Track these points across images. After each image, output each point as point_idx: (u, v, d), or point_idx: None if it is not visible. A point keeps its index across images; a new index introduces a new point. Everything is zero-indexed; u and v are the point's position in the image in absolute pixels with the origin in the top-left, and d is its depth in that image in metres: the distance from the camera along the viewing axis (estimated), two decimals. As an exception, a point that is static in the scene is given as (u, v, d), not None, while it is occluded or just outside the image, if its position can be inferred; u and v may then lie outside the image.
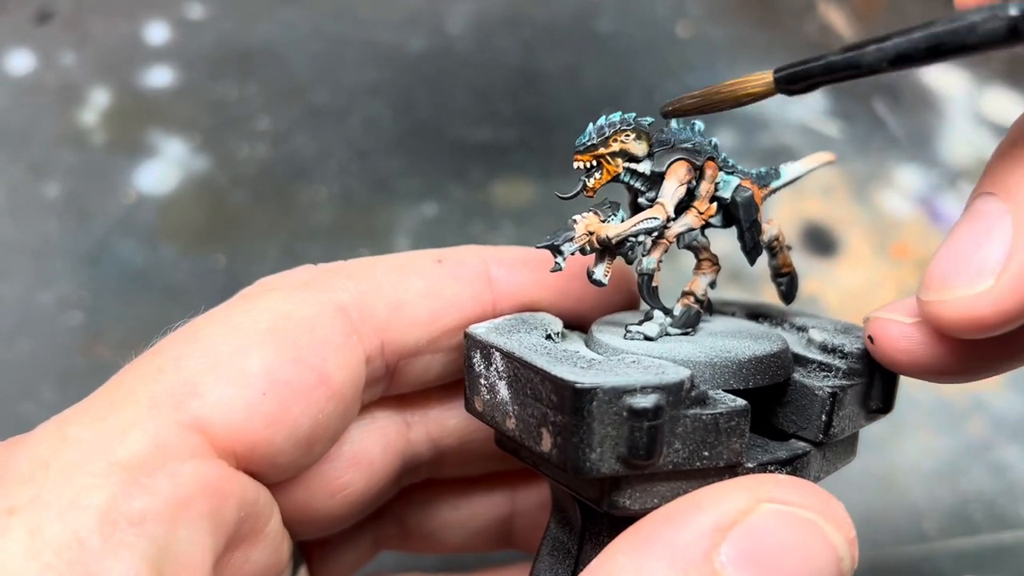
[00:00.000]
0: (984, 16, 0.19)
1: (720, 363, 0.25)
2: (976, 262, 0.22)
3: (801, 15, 0.64)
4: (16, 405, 0.50)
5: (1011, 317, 0.22)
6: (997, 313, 0.22)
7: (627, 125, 0.25)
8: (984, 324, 0.22)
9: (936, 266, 0.23)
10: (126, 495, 0.20)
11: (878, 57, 0.20)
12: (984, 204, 0.23)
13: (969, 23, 0.19)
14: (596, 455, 0.21)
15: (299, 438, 0.24)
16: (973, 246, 0.22)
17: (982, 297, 0.22)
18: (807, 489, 0.22)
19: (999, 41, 0.19)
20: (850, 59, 0.21)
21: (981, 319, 0.22)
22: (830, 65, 0.21)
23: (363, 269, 0.27)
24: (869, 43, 0.21)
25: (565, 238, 0.25)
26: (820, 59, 0.22)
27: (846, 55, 0.21)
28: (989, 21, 0.19)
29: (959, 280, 0.22)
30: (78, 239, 0.55)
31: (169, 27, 0.61)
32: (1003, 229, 0.22)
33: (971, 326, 0.22)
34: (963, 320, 0.22)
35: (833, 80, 0.22)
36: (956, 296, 0.22)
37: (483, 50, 0.62)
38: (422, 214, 0.57)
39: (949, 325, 0.23)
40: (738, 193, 0.27)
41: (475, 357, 0.25)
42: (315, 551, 0.32)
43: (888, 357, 0.25)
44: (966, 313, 0.22)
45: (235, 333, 0.24)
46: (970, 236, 0.23)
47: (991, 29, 0.19)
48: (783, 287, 0.30)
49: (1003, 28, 0.19)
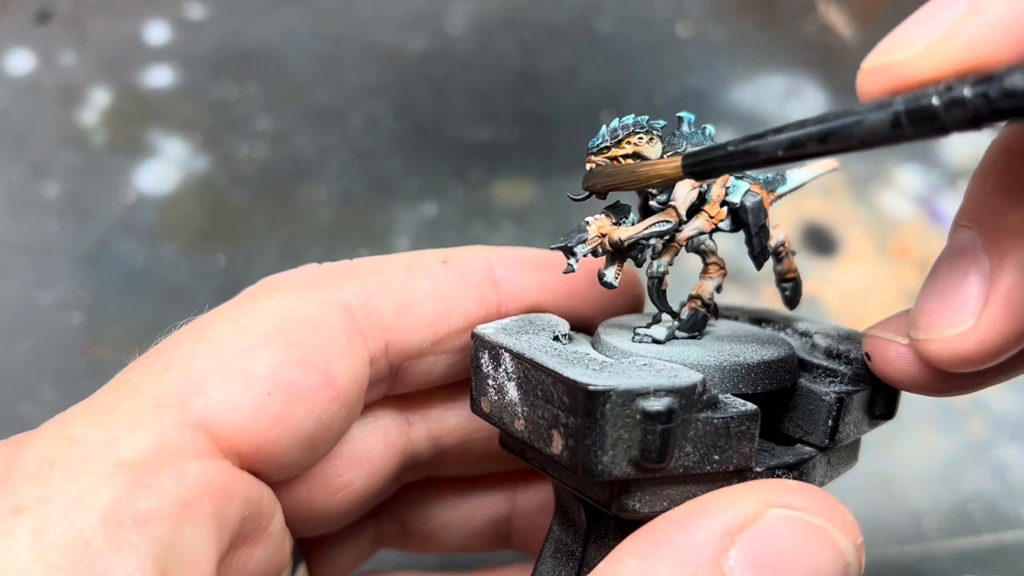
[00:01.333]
0: (871, 110, 0.19)
1: (729, 367, 0.24)
2: (957, 302, 0.23)
3: (801, 15, 0.64)
4: (16, 405, 0.50)
5: (996, 353, 0.22)
6: (981, 351, 0.22)
7: (640, 128, 0.25)
8: (971, 361, 0.23)
9: (921, 305, 0.24)
10: (131, 495, 0.20)
11: (774, 145, 0.21)
12: (962, 238, 0.23)
13: (857, 118, 0.19)
14: (608, 458, 0.21)
15: (303, 438, 0.24)
16: (954, 285, 0.23)
17: (966, 337, 0.22)
18: (815, 494, 0.22)
19: (884, 135, 0.19)
20: (748, 148, 0.22)
21: (967, 357, 0.22)
22: (729, 154, 0.22)
23: (368, 269, 0.27)
24: (768, 133, 0.21)
25: (578, 240, 0.25)
26: (722, 147, 0.22)
27: (745, 144, 0.22)
28: (874, 114, 0.19)
29: (943, 320, 0.23)
30: (78, 239, 0.55)
31: (169, 27, 0.61)
32: (980, 266, 0.22)
33: (959, 363, 0.23)
34: (951, 358, 0.23)
35: (734, 168, 0.23)
36: (941, 336, 0.23)
37: (483, 50, 0.62)
38: (422, 214, 0.57)
39: (939, 363, 0.23)
40: (747, 198, 0.27)
41: (483, 358, 0.25)
42: (314, 549, 0.32)
43: (885, 375, 0.25)
44: (953, 352, 0.23)
45: (241, 333, 0.24)
46: (951, 274, 0.23)
47: (875, 122, 0.19)
48: (787, 292, 0.30)
49: (887, 122, 0.19)
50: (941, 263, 0.24)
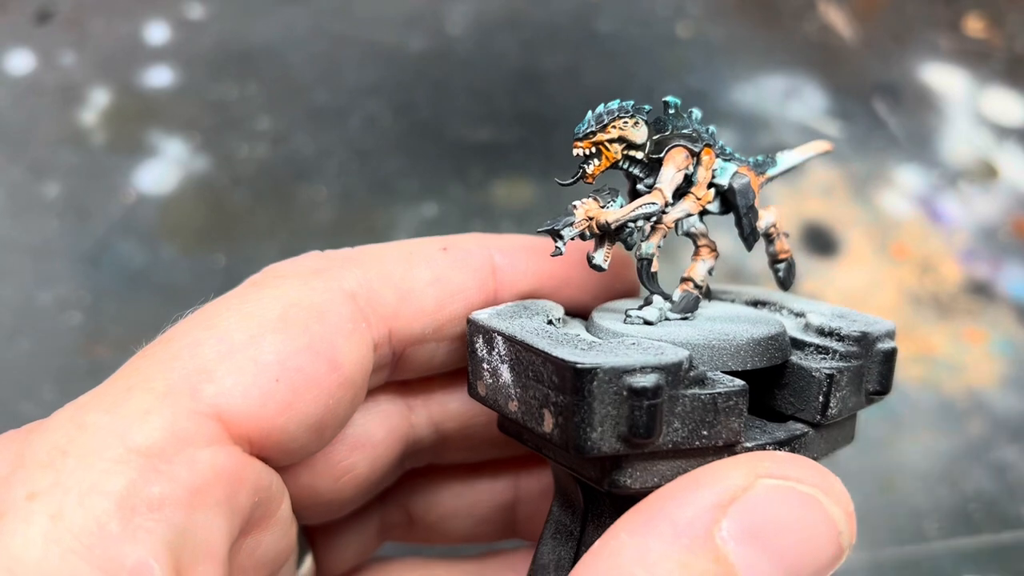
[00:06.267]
0: None
1: (718, 345, 0.25)
2: None
3: (801, 15, 0.64)
4: (16, 405, 0.50)
5: None
6: None
7: (625, 112, 0.26)
8: None
9: None
10: (145, 481, 0.20)
11: None
12: None
13: None
14: (597, 434, 0.22)
15: (310, 424, 0.25)
16: None
17: None
18: (805, 464, 0.22)
19: None
20: None
21: None
22: None
23: (370, 256, 0.28)
24: None
25: (565, 223, 0.26)
26: None
27: None
28: None
29: None
30: (78, 239, 0.55)
31: (169, 27, 0.61)
32: None
33: None
34: None
35: None
36: None
37: (483, 50, 0.62)
38: (422, 214, 0.57)
39: None
40: (735, 179, 0.28)
41: (478, 342, 0.26)
42: (321, 540, 0.32)
43: None
44: None
45: (248, 320, 0.24)
46: None
47: None
48: (780, 273, 0.30)
49: None
50: None
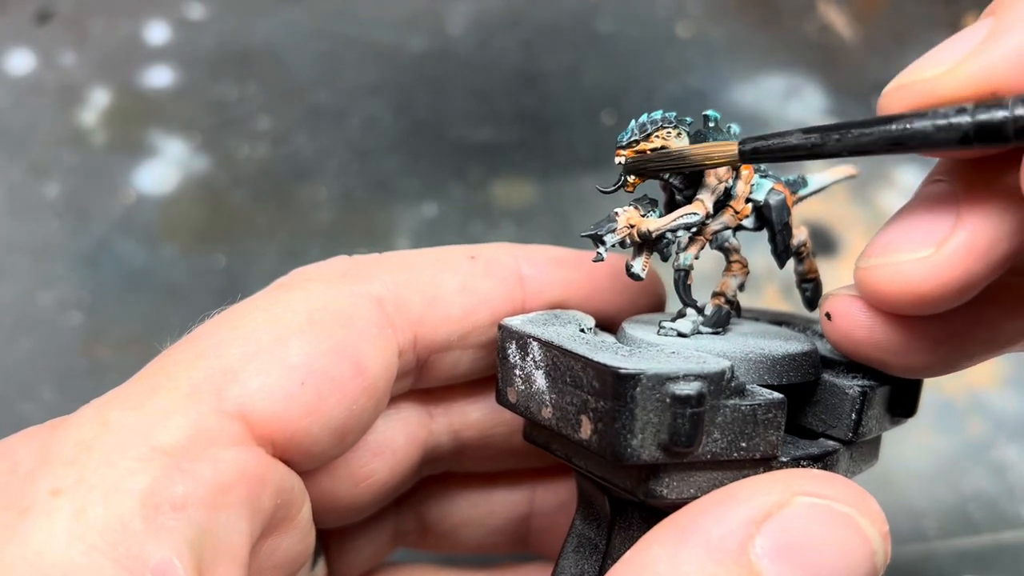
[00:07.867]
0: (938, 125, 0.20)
1: (755, 359, 0.25)
2: (920, 233, 0.22)
3: (801, 15, 0.64)
4: (16, 405, 0.50)
5: (948, 290, 0.21)
6: (934, 282, 0.21)
7: (668, 123, 0.26)
8: (919, 292, 0.21)
9: (880, 235, 0.23)
10: (168, 480, 0.20)
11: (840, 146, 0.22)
12: (934, 189, 0.23)
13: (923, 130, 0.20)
14: (637, 441, 0.21)
15: (334, 428, 0.25)
16: (919, 220, 0.22)
17: (920, 263, 0.21)
18: (841, 483, 0.22)
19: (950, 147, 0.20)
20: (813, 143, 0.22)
21: (916, 285, 0.21)
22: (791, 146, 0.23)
23: (398, 262, 0.28)
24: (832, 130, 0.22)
25: (608, 229, 0.26)
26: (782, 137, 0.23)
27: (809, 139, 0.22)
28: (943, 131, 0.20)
29: (901, 245, 0.22)
30: (78, 239, 0.55)
31: (169, 27, 0.61)
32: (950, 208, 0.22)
33: (907, 293, 0.21)
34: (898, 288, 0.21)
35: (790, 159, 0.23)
36: (894, 260, 0.22)
37: (483, 50, 0.62)
38: (422, 214, 0.57)
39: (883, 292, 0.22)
40: (771, 196, 0.28)
41: (510, 348, 0.25)
42: (334, 544, 0.32)
43: (846, 336, 0.24)
44: (901, 280, 0.21)
45: (274, 322, 0.24)
46: (916, 212, 0.22)
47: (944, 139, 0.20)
48: (808, 293, 0.30)
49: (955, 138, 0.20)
50: (906, 206, 0.23)
